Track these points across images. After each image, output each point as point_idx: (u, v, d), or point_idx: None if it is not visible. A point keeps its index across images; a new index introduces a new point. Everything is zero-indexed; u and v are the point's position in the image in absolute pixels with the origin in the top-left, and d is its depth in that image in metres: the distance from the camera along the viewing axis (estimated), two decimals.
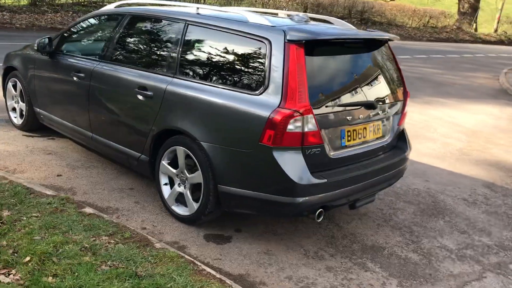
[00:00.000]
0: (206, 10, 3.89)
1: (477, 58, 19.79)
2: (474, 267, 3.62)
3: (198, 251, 3.38)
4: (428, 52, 19.67)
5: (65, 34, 4.92)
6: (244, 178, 3.33)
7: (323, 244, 3.69)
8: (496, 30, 32.22)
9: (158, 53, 3.97)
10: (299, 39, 3.20)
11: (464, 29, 30.23)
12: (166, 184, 3.87)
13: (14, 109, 5.69)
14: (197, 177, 3.55)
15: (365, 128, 3.62)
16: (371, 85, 3.73)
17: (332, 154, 3.36)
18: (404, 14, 27.30)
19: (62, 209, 3.52)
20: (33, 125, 5.44)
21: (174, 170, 3.75)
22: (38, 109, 5.17)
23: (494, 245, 4.01)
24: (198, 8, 3.89)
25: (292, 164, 3.15)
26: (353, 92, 3.56)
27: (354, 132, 3.53)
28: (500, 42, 30.75)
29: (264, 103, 3.17)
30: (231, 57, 3.51)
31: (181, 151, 3.64)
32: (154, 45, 4.05)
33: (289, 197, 3.18)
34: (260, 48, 3.32)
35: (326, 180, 3.25)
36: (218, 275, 2.93)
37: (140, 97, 3.86)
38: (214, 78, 3.53)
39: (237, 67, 3.47)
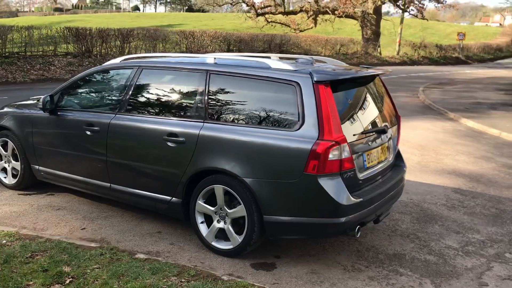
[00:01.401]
0: (223, 59, 4.27)
1: (391, 79, 21.56)
2: (481, 260, 4.22)
3: (255, 279, 3.66)
4: None
5: (67, 91, 5.03)
6: (290, 206, 3.69)
7: (354, 258, 4.11)
8: (398, 52, 35.18)
9: (183, 101, 4.26)
10: (325, 79, 3.68)
11: (370, 53, 32.75)
12: (202, 222, 4.12)
13: (2, 170, 5.61)
14: (240, 211, 3.85)
15: (377, 150, 4.14)
16: (377, 113, 4.29)
17: (360, 176, 3.84)
18: (318, 44, 29.08)
19: (117, 258, 3.66)
20: (28, 183, 5.42)
21: (212, 208, 4.02)
22: (38, 167, 5.18)
23: (486, 240, 4.66)
24: (215, 58, 4.26)
25: (335, 188, 3.58)
26: (367, 120, 4.10)
27: (371, 155, 4.04)
28: (403, 63, 33.61)
29: (303, 138, 3.59)
30: (260, 100, 3.92)
31: (219, 189, 3.93)
32: (177, 94, 4.33)
33: (335, 218, 3.59)
34: (289, 90, 3.75)
35: (361, 199, 3.71)
36: None
37: (170, 144, 4.11)
38: (247, 119, 3.89)
39: (268, 108, 3.86)
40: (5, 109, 5.61)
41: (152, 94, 4.49)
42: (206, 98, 4.07)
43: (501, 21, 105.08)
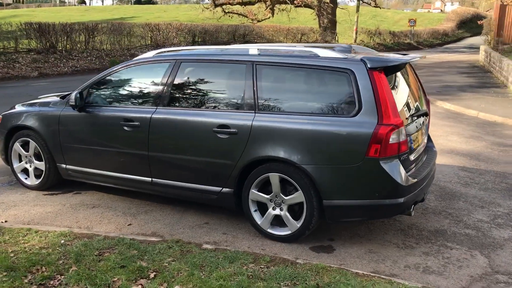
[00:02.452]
0: (266, 50, 4.34)
1: None
2: None
3: (322, 261, 3.78)
4: None
5: (96, 87, 4.95)
6: (351, 190, 3.83)
7: (402, 236, 4.31)
8: (355, 40, 35.92)
9: (231, 93, 4.31)
10: (377, 66, 3.82)
11: (329, 41, 33.27)
12: (255, 210, 4.20)
13: (23, 171, 5.46)
14: (298, 197, 3.96)
15: (419, 133, 4.34)
16: (417, 96, 4.49)
17: (411, 157, 4.03)
18: (280, 33, 29.31)
19: (187, 250, 3.69)
20: (52, 183, 5.31)
21: (267, 196, 4.10)
22: (65, 165, 5.09)
23: (510, 212, 4.98)
24: (258, 49, 4.32)
25: (396, 170, 3.75)
26: (412, 103, 4.29)
27: (415, 137, 4.23)
28: None
29: (363, 123, 3.73)
30: (311, 89, 4.03)
31: (275, 177, 4.01)
32: (223, 86, 4.37)
33: (395, 198, 3.77)
34: (341, 78, 3.88)
35: (416, 179, 3.90)
36: (372, 274, 3.40)
37: (220, 135, 4.15)
38: (299, 108, 3.99)
39: (320, 96, 3.99)
40: (21, 108, 5.44)
41: (195, 87, 4.50)
42: (255, 89, 4.13)
43: (442, 7, 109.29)
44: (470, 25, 71.56)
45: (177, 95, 4.52)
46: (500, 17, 21.15)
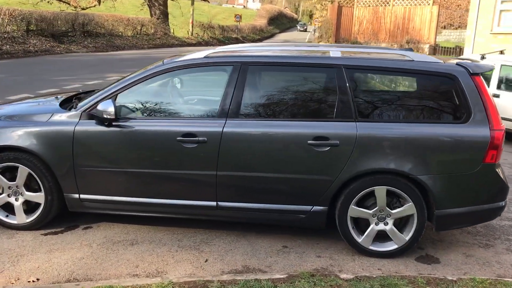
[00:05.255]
0: (349, 52, 4.01)
1: None
2: None
3: (443, 273, 3.66)
4: None
5: (130, 95, 3.96)
6: (463, 197, 3.78)
7: (480, 237, 4.39)
8: (192, 33, 35.84)
9: (321, 101, 3.87)
10: (478, 72, 3.84)
11: (169, 34, 32.56)
12: (353, 227, 3.88)
13: (3, 207, 4.12)
14: (408, 209, 3.76)
15: None
16: None
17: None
18: (120, 24, 27.58)
19: (336, 284, 3.22)
20: (49, 219, 4.13)
21: (369, 211, 3.82)
22: (78, 195, 3.99)
23: None
24: (341, 52, 3.96)
25: (503, 174, 3.83)
26: None
27: None
28: (199, 43, 34.44)
29: (477, 129, 3.70)
30: (410, 94, 3.88)
31: (382, 190, 3.75)
32: (308, 93, 3.90)
33: (501, 202, 3.86)
34: (443, 83, 3.80)
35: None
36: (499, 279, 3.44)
37: (317, 148, 3.71)
38: (403, 115, 3.79)
39: (422, 102, 3.85)
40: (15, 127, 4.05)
41: (273, 94, 3.93)
42: (351, 95, 3.78)
43: (245, 3, 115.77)
44: (277, 22, 77.71)
45: (252, 104, 3.89)
46: (337, 17, 23.31)
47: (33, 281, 3.31)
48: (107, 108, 3.73)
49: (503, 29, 18.59)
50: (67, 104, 4.30)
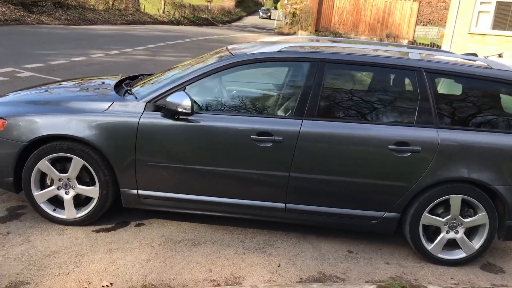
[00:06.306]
0: (427, 55, 3.90)
1: (198, 42, 21.48)
2: None
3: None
4: (151, 39, 20.07)
5: (200, 87, 3.71)
6: None
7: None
8: (164, 11, 34.90)
9: (400, 104, 3.76)
10: None
11: (141, 10, 31.55)
12: (423, 235, 3.82)
13: (50, 200, 3.80)
14: (480, 219, 3.73)
15: None
16: None
17: None
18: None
19: None
20: (100, 214, 3.85)
21: (442, 219, 3.76)
22: (137, 191, 3.73)
23: None
24: (420, 54, 3.85)
25: None
26: None
27: None
28: (171, 22, 33.61)
29: None
30: (493, 103, 3.80)
31: (457, 199, 3.70)
32: (389, 95, 3.77)
33: None
34: None
35: None
36: None
37: (397, 154, 3.60)
38: (486, 123, 3.74)
39: (506, 110, 3.81)
40: (44, 108, 3.74)
41: (352, 95, 3.78)
42: (432, 100, 3.68)
43: None
44: (244, 4, 77.05)
45: (329, 104, 3.73)
46: (318, 5, 23.23)
47: (107, 286, 3.06)
48: (182, 101, 3.47)
49: (480, 29, 19.05)
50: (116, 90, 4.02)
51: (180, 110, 3.48)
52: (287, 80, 3.94)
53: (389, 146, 3.58)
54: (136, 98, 3.72)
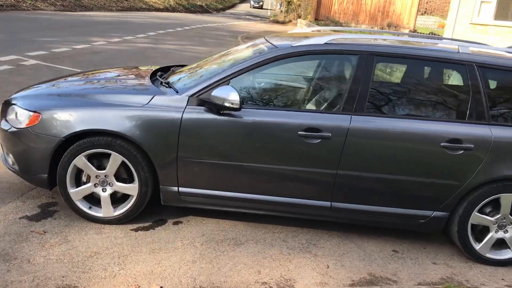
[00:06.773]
0: (476, 48, 3.77)
1: (198, 30, 21.14)
2: None
3: None
4: (150, 27, 19.72)
5: (243, 81, 3.55)
6: None
7: None
8: None
9: (452, 99, 3.63)
10: None
11: None
12: (471, 235, 3.72)
13: (86, 198, 3.64)
14: None
15: None
16: None
17: None
18: None
19: None
20: (137, 212, 3.70)
21: (492, 219, 3.66)
22: (177, 188, 3.58)
23: None
24: (469, 48, 3.72)
25: None
26: None
27: None
28: (166, 9, 33.13)
29: None
30: None
31: (508, 197, 3.59)
32: (439, 90, 3.64)
33: None
34: None
35: None
36: None
37: (451, 151, 3.48)
38: None
39: None
40: (81, 100, 3.57)
41: (401, 89, 3.67)
42: (484, 96, 3.56)
43: None
44: None
45: (379, 98, 3.59)
46: None
47: None
48: (229, 95, 3.31)
49: (482, 20, 18.93)
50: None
51: (227, 105, 3.32)
52: (340, 73, 3.78)
53: (442, 144, 3.46)
54: (177, 92, 3.56)
